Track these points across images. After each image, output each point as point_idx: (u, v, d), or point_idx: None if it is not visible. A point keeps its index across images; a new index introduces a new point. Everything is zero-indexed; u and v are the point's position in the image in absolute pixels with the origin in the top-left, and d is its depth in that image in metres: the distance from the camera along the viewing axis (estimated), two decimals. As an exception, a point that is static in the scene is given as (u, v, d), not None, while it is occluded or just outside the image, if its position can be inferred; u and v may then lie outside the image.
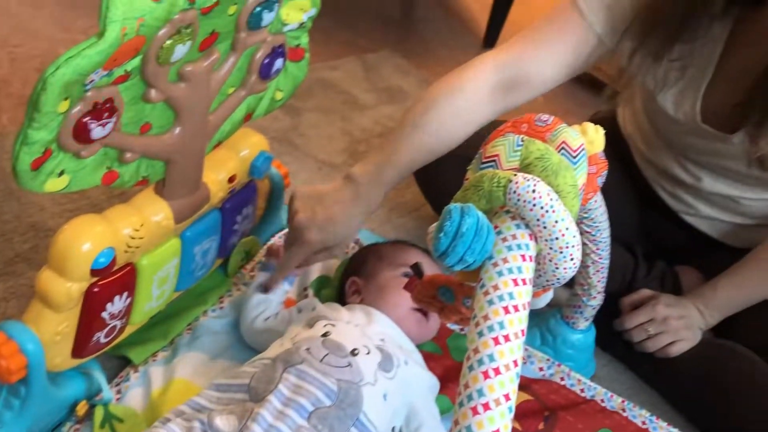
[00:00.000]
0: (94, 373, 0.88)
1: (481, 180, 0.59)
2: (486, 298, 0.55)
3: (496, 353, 0.52)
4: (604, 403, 1.09)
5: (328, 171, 1.41)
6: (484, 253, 0.56)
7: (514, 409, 0.52)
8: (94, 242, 0.76)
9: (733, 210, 1.16)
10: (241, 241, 1.08)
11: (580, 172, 0.67)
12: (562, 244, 0.58)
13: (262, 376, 0.83)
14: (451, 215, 0.55)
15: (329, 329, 0.90)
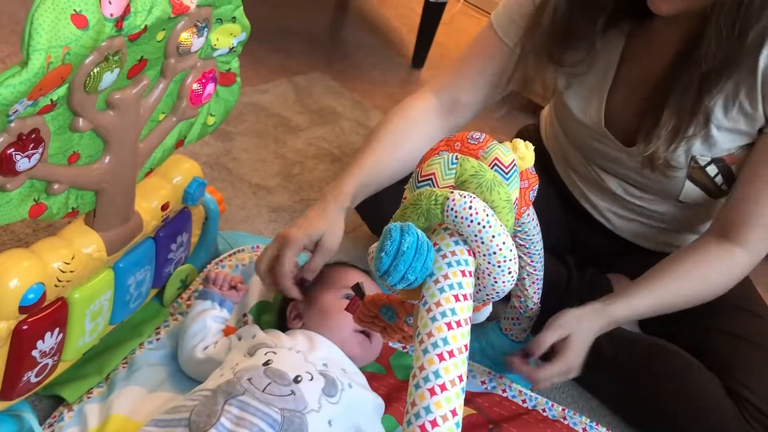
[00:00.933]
0: (25, 415, 0.84)
1: (419, 198, 0.60)
2: (429, 315, 0.55)
3: (441, 369, 0.53)
4: (545, 412, 1.11)
5: (263, 195, 1.40)
6: (425, 271, 0.57)
7: (461, 424, 0.52)
8: (22, 278, 0.73)
9: (643, 215, 1.21)
10: (176, 270, 1.06)
11: (513, 187, 0.69)
12: (500, 258, 0.59)
13: (203, 409, 0.80)
14: (391, 234, 0.56)
15: (271, 357, 0.89)
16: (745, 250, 1.03)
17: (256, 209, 1.36)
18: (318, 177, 1.50)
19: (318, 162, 1.54)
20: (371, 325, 0.80)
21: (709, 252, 1.05)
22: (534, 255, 1.01)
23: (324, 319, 1.00)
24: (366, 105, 1.86)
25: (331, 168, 1.53)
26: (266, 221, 1.34)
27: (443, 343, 0.54)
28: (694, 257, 1.06)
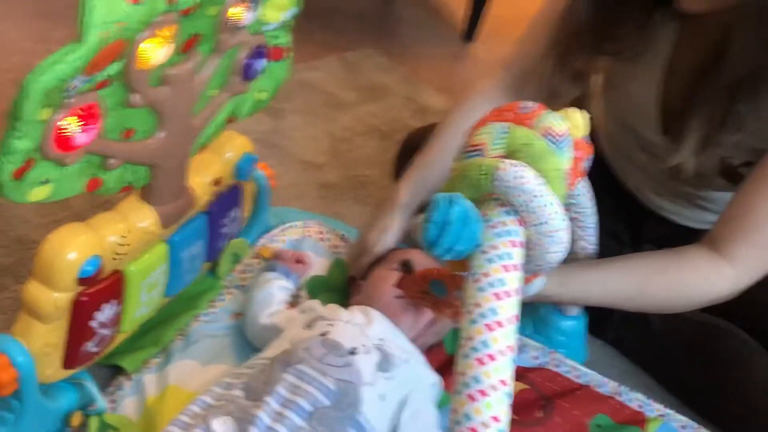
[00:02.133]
0: (86, 383, 0.87)
1: (467, 169, 0.59)
2: (476, 285, 0.55)
3: (489, 339, 0.52)
4: (599, 388, 1.10)
5: (312, 172, 1.41)
6: (473, 242, 0.56)
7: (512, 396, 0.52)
8: (80, 251, 0.75)
9: (687, 196, 1.16)
10: (229, 244, 1.07)
11: (565, 157, 0.67)
12: (551, 229, 0.58)
13: (260, 377, 0.82)
14: (439, 205, 0.55)
15: (328, 329, 0.90)
16: (732, 268, 0.93)
17: (306, 186, 1.37)
18: (367, 154, 1.50)
19: (367, 139, 1.54)
20: (422, 300, 0.80)
21: (694, 260, 0.95)
22: (588, 228, 0.99)
23: (369, 290, 1.01)
24: (416, 81, 1.85)
25: (380, 145, 1.53)
26: (316, 198, 1.35)
27: (491, 313, 0.53)
28: (674, 259, 0.97)
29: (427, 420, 0.90)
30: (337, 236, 1.21)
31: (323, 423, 0.78)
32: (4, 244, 1.08)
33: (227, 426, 0.76)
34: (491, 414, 0.50)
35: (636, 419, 1.06)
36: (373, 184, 1.41)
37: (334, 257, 1.18)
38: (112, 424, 0.86)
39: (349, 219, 1.32)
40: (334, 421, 0.79)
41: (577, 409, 1.06)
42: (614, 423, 1.05)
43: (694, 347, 1.10)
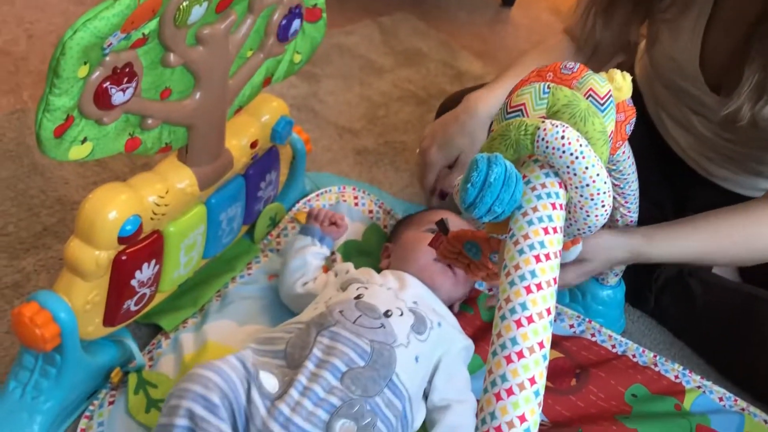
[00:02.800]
0: (126, 340, 0.89)
1: (508, 129, 0.58)
2: (516, 247, 0.54)
3: (528, 302, 0.52)
4: (635, 358, 1.08)
5: (348, 137, 1.40)
6: (513, 203, 0.55)
7: (548, 358, 0.51)
8: (120, 210, 0.76)
9: (737, 160, 1.13)
10: (266, 208, 1.08)
11: (608, 120, 0.66)
12: (593, 191, 0.57)
13: (297, 342, 0.83)
14: (478, 165, 0.54)
15: (362, 291, 0.90)
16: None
17: (342, 151, 1.36)
18: (403, 119, 1.48)
19: (403, 104, 1.53)
20: (455, 262, 0.79)
21: (765, 212, 0.95)
22: (629, 196, 0.97)
23: (404, 253, 1.01)
24: (453, 46, 1.82)
25: (416, 110, 1.52)
26: (352, 163, 1.34)
27: (531, 275, 0.52)
28: (748, 214, 0.97)
29: (459, 383, 0.90)
30: (372, 201, 1.21)
31: (357, 383, 0.79)
32: (47, 205, 1.09)
33: (271, 381, 0.78)
34: (528, 376, 0.50)
35: (673, 390, 1.04)
36: (410, 150, 1.40)
37: (369, 222, 1.18)
38: (150, 380, 0.88)
39: (384, 185, 1.31)
40: (368, 381, 0.80)
41: (612, 379, 1.05)
42: (650, 393, 1.04)
43: (736, 318, 1.08)
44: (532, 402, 0.50)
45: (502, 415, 0.49)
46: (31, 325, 0.75)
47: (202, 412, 0.72)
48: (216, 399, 0.73)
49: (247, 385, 0.77)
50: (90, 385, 0.86)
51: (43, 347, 0.76)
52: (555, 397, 1.00)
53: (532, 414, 0.49)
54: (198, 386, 0.73)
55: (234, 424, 0.75)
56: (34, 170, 1.14)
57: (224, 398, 0.74)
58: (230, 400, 0.74)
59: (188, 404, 0.73)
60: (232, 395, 0.75)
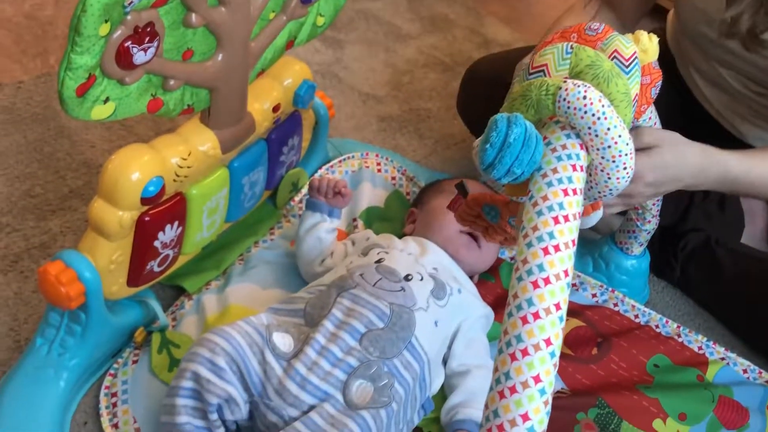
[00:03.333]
0: (150, 301, 0.90)
1: (529, 89, 0.57)
2: (535, 209, 0.53)
3: (545, 263, 0.51)
4: (658, 329, 1.08)
5: (372, 104, 1.39)
6: (533, 164, 0.55)
7: (564, 319, 0.51)
8: (143, 171, 0.77)
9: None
10: (288, 173, 1.08)
11: (633, 82, 0.64)
12: (615, 153, 0.56)
13: (317, 302, 0.84)
14: (497, 125, 0.54)
15: (383, 256, 0.91)
16: None
17: (366, 118, 1.35)
18: (428, 86, 1.47)
19: (429, 71, 1.51)
20: (473, 225, 0.79)
21: None
22: (654, 163, 0.95)
23: (429, 221, 1.01)
24: (480, 12, 1.79)
25: (441, 77, 1.50)
26: (375, 130, 1.33)
27: (549, 237, 0.52)
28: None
29: (479, 349, 0.91)
30: (395, 168, 1.20)
31: (375, 344, 0.79)
32: (73, 168, 1.11)
33: (285, 341, 0.79)
34: (543, 337, 0.49)
35: (696, 361, 1.03)
36: (434, 118, 1.39)
37: (391, 189, 1.17)
38: (173, 340, 0.89)
39: (408, 152, 1.30)
40: (387, 343, 0.80)
41: (634, 348, 1.04)
42: (672, 364, 1.03)
43: (764, 290, 1.06)
44: (548, 363, 0.49)
45: (516, 375, 0.49)
46: (57, 284, 0.76)
47: (208, 375, 0.74)
48: (222, 362, 0.75)
49: (260, 348, 0.78)
50: (114, 343, 0.87)
51: (68, 305, 0.77)
52: (575, 366, 1.00)
53: (547, 374, 0.49)
54: (205, 350, 0.75)
55: (246, 387, 0.76)
56: (61, 133, 1.15)
57: (231, 362, 0.75)
58: (238, 363, 0.76)
59: (194, 367, 0.75)
60: (240, 359, 0.76)
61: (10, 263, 0.97)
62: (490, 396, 0.50)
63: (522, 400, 0.49)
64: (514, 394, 0.49)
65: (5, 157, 1.10)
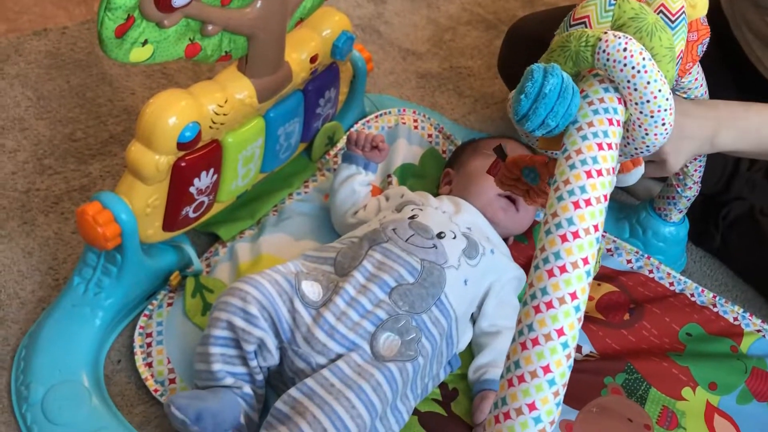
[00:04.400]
0: (185, 246, 0.92)
1: (568, 40, 0.56)
2: (568, 162, 0.53)
3: (575, 217, 0.50)
4: (693, 297, 1.06)
5: (412, 60, 1.38)
6: (568, 117, 0.54)
7: (591, 274, 0.50)
8: (180, 116, 0.77)
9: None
10: (324, 126, 1.08)
11: (678, 37, 0.62)
12: (654, 108, 0.54)
13: (348, 252, 0.85)
14: (533, 75, 0.53)
15: (417, 213, 0.91)
16: None
17: (405, 74, 1.34)
18: (470, 44, 1.45)
19: (471, 28, 1.48)
20: (513, 188, 0.78)
21: None
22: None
23: (468, 184, 1.00)
24: (528, -30, 1.75)
25: (484, 35, 1.47)
26: (414, 87, 1.32)
27: (580, 191, 0.51)
28: None
29: (509, 310, 0.90)
30: (432, 126, 1.19)
31: (404, 298, 0.80)
32: (114, 114, 1.13)
33: (314, 289, 0.80)
34: (569, 291, 0.49)
35: (730, 332, 1.02)
36: (475, 76, 1.37)
37: (427, 146, 1.17)
38: (207, 285, 0.91)
39: (446, 110, 1.29)
40: (416, 298, 0.81)
41: (667, 316, 1.03)
42: (706, 333, 1.01)
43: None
44: (572, 317, 0.49)
45: (540, 327, 0.49)
46: (94, 224, 0.78)
47: (242, 324, 0.76)
48: (254, 311, 0.76)
49: (288, 297, 0.79)
50: (149, 286, 0.89)
51: (104, 245, 0.79)
52: (606, 330, 0.99)
53: (571, 328, 0.49)
54: (237, 299, 0.77)
55: (276, 334, 0.77)
56: (103, 80, 1.17)
57: (263, 309, 0.77)
58: (269, 311, 0.77)
59: (227, 317, 0.76)
60: (271, 307, 0.77)
61: (51, 204, 0.99)
62: (512, 347, 0.50)
63: (544, 352, 0.49)
64: (537, 346, 0.49)
65: (48, 101, 1.12)
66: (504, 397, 0.49)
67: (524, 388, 0.48)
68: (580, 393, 0.91)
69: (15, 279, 0.90)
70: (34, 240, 0.95)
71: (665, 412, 0.92)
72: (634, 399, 0.92)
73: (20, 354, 0.82)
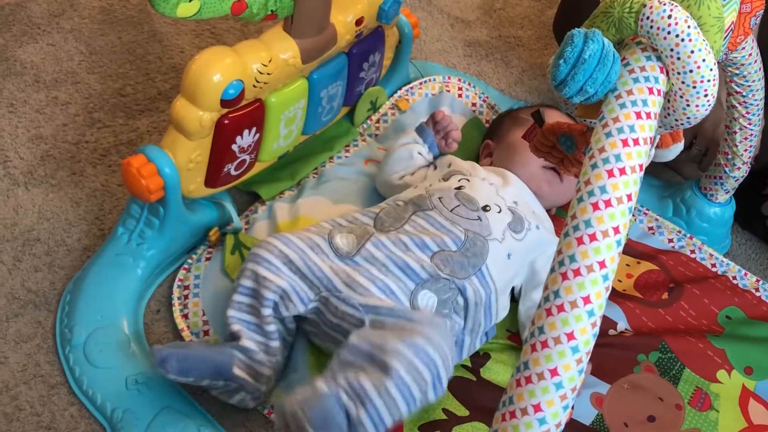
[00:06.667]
0: (226, 204, 0.94)
1: (612, 5, 0.55)
2: (604, 130, 0.52)
3: (608, 185, 0.50)
4: (735, 280, 1.04)
5: (460, 28, 1.36)
6: (607, 84, 0.53)
7: (622, 243, 0.50)
8: (224, 73, 0.79)
9: None
10: (367, 91, 1.08)
11: (729, 9, 0.60)
12: (696, 78, 0.53)
13: (392, 212, 0.86)
14: (573, 40, 0.52)
15: (464, 183, 0.90)
16: None
17: (452, 42, 1.33)
18: (521, 13, 1.42)
19: (524, -2, 1.46)
20: (548, 156, 0.77)
21: None
22: (751, 105, 0.90)
23: (511, 155, 0.99)
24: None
25: (536, 5, 1.45)
26: (461, 55, 1.31)
27: (615, 159, 0.50)
28: None
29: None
30: (476, 94, 1.18)
31: (447, 263, 0.80)
32: (162, 71, 1.15)
33: (348, 241, 0.81)
34: (597, 259, 0.48)
35: (772, 317, 1.00)
36: (524, 47, 1.35)
37: (470, 115, 1.16)
38: (245, 243, 0.93)
39: (493, 79, 1.28)
40: (458, 265, 0.81)
41: (707, 298, 1.01)
42: (746, 317, 1.00)
43: None
44: (599, 285, 0.49)
45: (566, 294, 0.49)
46: (138, 176, 0.80)
47: (265, 272, 0.78)
48: (277, 262, 0.79)
49: (322, 249, 0.81)
50: (189, 240, 0.92)
51: (147, 197, 0.81)
52: (642, 308, 0.98)
53: (598, 297, 0.49)
54: (263, 251, 0.79)
55: (311, 285, 0.79)
56: (153, 37, 1.19)
57: (289, 262, 0.79)
58: (296, 262, 0.79)
59: (253, 266, 0.79)
60: (300, 259, 0.79)
61: (99, 156, 1.02)
62: (537, 313, 0.50)
63: (569, 319, 0.49)
64: (562, 313, 0.49)
65: (100, 56, 1.15)
66: (526, 362, 0.49)
67: (547, 354, 0.48)
68: (612, 368, 0.90)
69: (63, 227, 0.94)
70: (82, 190, 0.98)
71: (698, 393, 0.91)
72: (666, 378, 0.91)
73: (65, 298, 0.85)
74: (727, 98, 0.92)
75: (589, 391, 0.88)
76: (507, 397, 0.49)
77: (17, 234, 0.92)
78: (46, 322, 0.85)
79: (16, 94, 1.07)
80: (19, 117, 1.05)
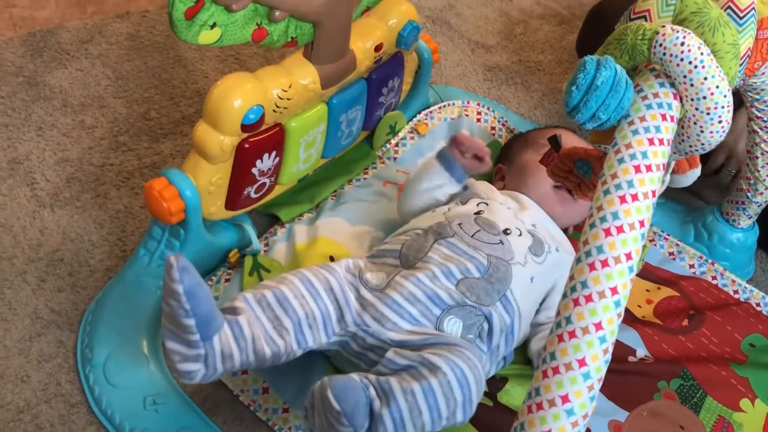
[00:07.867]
0: (246, 226, 0.95)
1: (625, 32, 0.55)
2: (617, 156, 0.52)
3: (621, 211, 0.50)
4: (759, 307, 1.02)
5: (481, 53, 1.37)
6: (620, 111, 0.53)
7: (635, 270, 0.50)
8: (245, 99, 0.80)
9: None
10: (386, 115, 1.09)
11: (745, 35, 0.60)
12: (710, 104, 0.53)
13: (413, 244, 0.85)
14: (586, 67, 0.52)
15: (483, 208, 0.90)
16: None
17: (472, 67, 1.34)
18: (541, 39, 1.43)
19: (543, 23, 1.47)
20: (565, 180, 0.77)
21: None
22: (771, 131, 0.89)
23: (523, 177, 0.99)
24: (607, -35, 1.71)
25: (557, 30, 1.45)
26: (481, 80, 1.32)
27: (628, 185, 0.50)
28: None
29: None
30: (495, 118, 1.19)
31: (473, 291, 0.80)
32: (186, 96, 1.17)
33: (378, 277, 0.81)
34: (609, 285, 0.49)
35: (797, 345, 0.98)
36: (544, 71, 1.36)
37: (489, 139, 1.16)
38: (264, 264, 0.94)
39: (513, 104, 1.28)
40: (482, 292, 0.81)
41: (729, 325, 1.00)
42: (771, 345, 0.98)
43: None
44: (611, 311, 0.49)
45: (578, 320, 0.49)
46: (160, 198, 0.82)
47: (303, 291, 0.77)
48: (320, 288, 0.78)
49: (354, 286, 0.80)
50: (209, 262, 0.93)
51: (168, 219, 0.82)
52: (662, 335, 0.97)
53: (610, 323, 0.49)
54: (297, 280, 0.78)
55: (341, 316, 0.78)
56: (178, 62, 1.21)
57: (329, 291, 0.78)
58: (335, 293, 0.78)
59: (295, 280, 0.78)
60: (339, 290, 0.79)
61: (123, 179, 1.04)
62: (549, 339, 0.50)
63: (581, 345, 0.49)
64: (573, 339, 0.49)
65: (126, 81, 1.17)
66: (538, 388, 0.49)
67: (558, 380, 0.48)
68: (631, 395, 0.89)
69: (86, 248, 0.96)
70: (106, 212, 1.00)
71: (721, 422, 0.90)
72: (688, 406, 0.90)
73: (87, 318, 0.87)
74: (748, 123, 0.92)
75: (607, 419, 0.87)
76: (518, 423, 0.49)
77: (42, 255, 0.94)
78: (68, 342, 0.86)
79: (45, 118, 1.10)
80: (47, 140, 1.07)
